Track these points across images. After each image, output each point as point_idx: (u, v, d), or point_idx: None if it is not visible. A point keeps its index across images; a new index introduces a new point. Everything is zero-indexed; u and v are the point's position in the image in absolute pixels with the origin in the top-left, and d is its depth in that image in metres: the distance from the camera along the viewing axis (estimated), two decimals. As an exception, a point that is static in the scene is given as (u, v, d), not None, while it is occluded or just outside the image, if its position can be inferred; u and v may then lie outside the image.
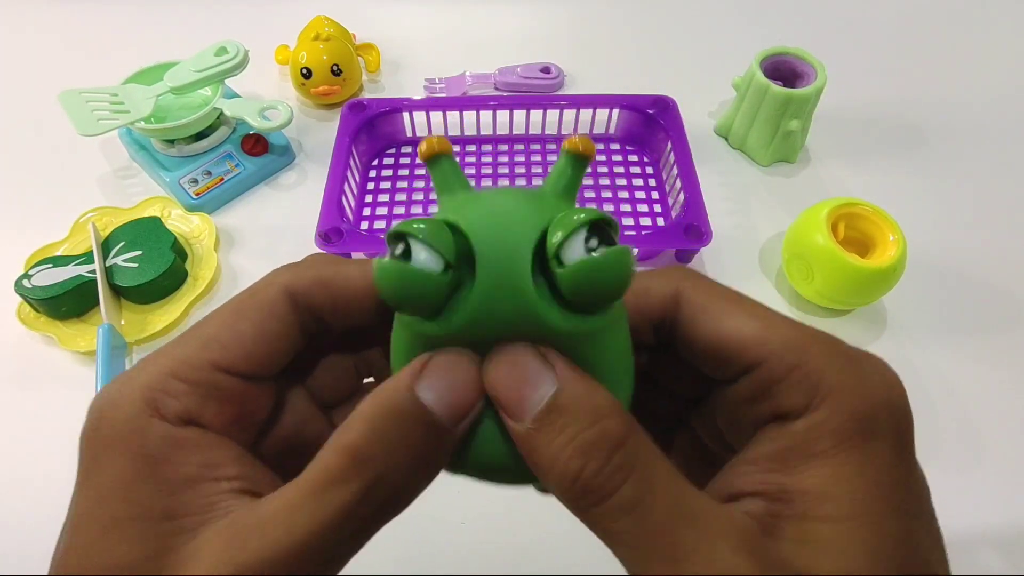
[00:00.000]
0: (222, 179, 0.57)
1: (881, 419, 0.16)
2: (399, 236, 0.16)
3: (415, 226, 0.15)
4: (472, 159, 0.61)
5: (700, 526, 0.15)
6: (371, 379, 0.23)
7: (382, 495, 0.16)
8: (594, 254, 0.15)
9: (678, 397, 0.22)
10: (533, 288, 0.16)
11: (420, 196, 0.58)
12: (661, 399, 0.22)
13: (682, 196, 0.52)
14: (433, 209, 0.56)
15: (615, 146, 0.61)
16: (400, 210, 0.56)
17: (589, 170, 0.59)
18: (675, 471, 0.16)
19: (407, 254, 0.16)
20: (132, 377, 0.18)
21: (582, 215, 0.15)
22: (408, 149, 0.61)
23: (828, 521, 0.15)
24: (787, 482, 0.16)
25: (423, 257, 0.15)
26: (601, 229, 0.16)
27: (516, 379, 0.16)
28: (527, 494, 0.26)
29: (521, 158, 0.61)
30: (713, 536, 0.15)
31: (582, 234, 0.15)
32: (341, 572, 0.17)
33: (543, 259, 0.16)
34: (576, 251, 0.15)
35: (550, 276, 0.16)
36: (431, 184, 0.58)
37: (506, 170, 0.59)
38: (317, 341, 0.21)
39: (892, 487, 0.16)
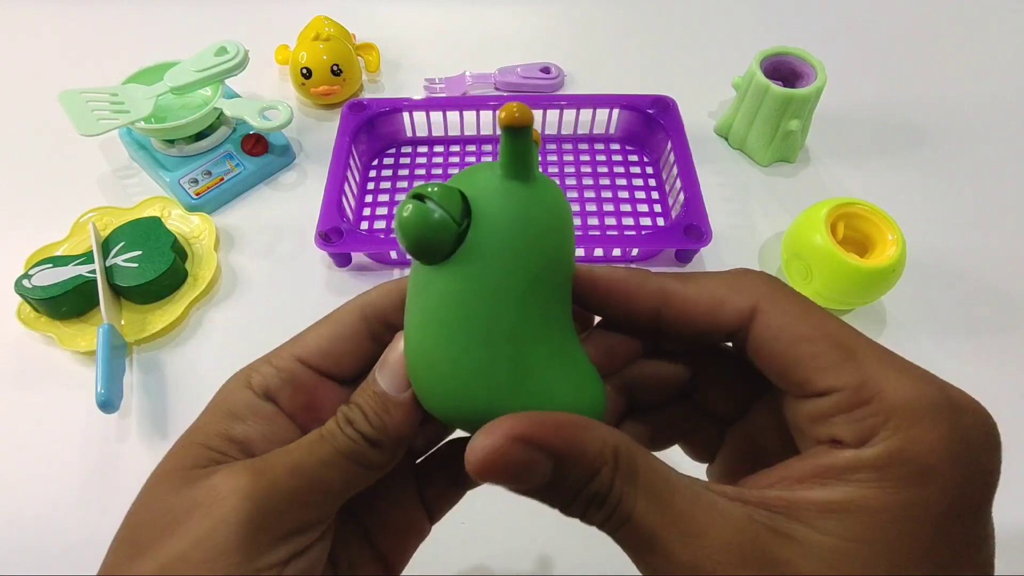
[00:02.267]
0: (222, 179, 0.57)
1: (941, 469, 0.16)
2: (417, 197, 0.18)
3: (430, 189, 0.18)
4: (472, 159, 0.61)
5: (707, 504, 0.17)
6: None
7: (365, 445, 0.20)
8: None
9: (745, 387, 0.22)
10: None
11: (420, 196, 0.57)
12: (720, 395, 0.23)
13: (682, 196, 0.52)
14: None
15: (615, 146, 0.61)
16: (400, 210, 0.56)
17: (589, 170, 0.59)
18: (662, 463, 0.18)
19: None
20: (249, 364, 0.22)
21: (425, 188, 0.19)
22: (408, 149, 0.61)
23: (832, 536, 0.16)
24: (809, 495, 0.17)
25: (437, 215, 0.18)
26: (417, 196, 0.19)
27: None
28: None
29: (521, 158, 0.60)
30: (721, 514, 0.17)
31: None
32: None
33: None
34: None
35: None
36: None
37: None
38: None
39: (921, 535, 0.16)
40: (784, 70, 0.58)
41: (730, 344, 0.20)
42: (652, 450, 0.21)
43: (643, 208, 0.57)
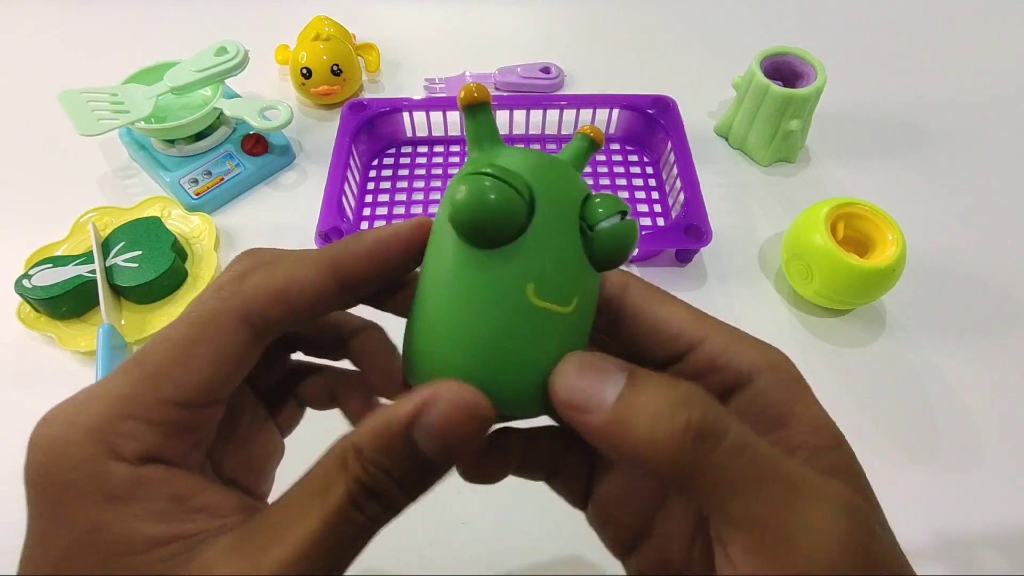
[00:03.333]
0: (222, 179, 0.57)
1: (789, 370, 0.20)
2: (481, 174, 0.18)
3: (491, 168, 0.18)
4: (472, 159, 0.61)
5: (797, 465, 0.17)
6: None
7: (380, 509, 0.17)
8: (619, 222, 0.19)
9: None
10: (578, 233, 0.19)
11: (420, 196, 0.58)
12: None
13: (682, 196, 0.52)
14: (434, 209, 0.56)
15: (615, 146, 0.61)
16: (400, 210, 0.57)
17: (589, 170, 0.59)
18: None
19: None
20: (76, 416, 0.18)
21: (622, 204, 0.19)
22: (408, 149, 0.61)
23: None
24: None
25: (513, 194, 0.17)
26: (623, 214, 0.19)
27: (589, 378, 0.18)
28: (527, 494, 0.26)
29: (521, 158, 0.61)
30: (811, 472, 0.17)
31: (618, 216, 0.19)
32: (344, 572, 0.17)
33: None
34: (607, 225, 0.19)
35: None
36: (431, 184, 0.58)
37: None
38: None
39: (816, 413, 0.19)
40: (784, 70, 0.58)
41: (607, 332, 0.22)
42: (520, 475, 0.22)
43: (643, 208, 0.57)
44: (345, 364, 0.25)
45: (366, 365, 0.24)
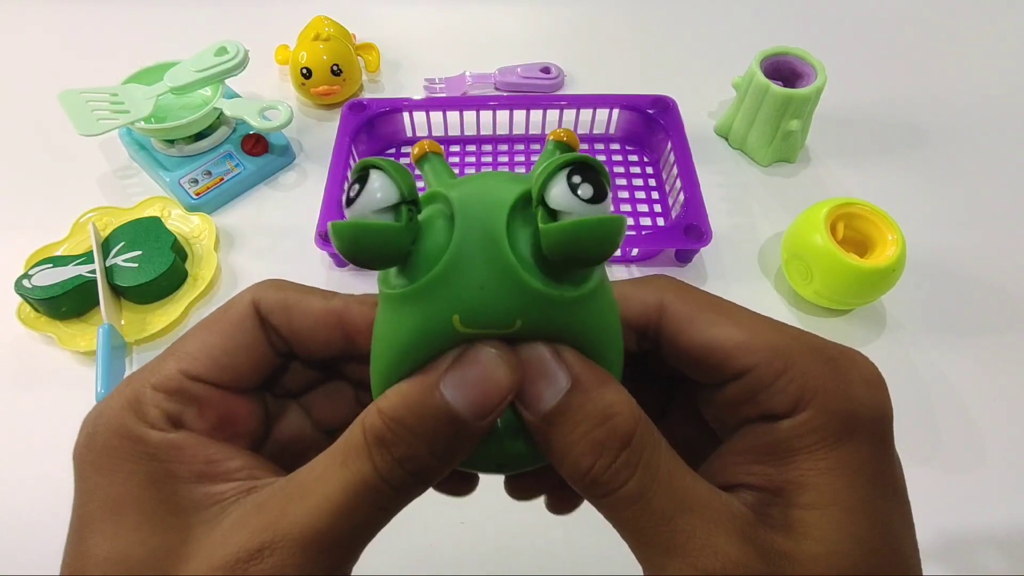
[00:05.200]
0: (222, 179, 0.57)
1: (862, 417, 0.18)
2: (362, 168, 0.16)
3: (376, 160, 0.16)
4: (472, 159, 0.61)
5: (699, 514, 0.16)
6: None
7: (404, 474, 0.16)
8: (582, 214, 0.15)
9: (659, 392, 0.22)
10: (507, 240, 0.16)
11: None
12: (642, 392, 0.22)
13: (682, 196, 0.52)
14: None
15: (615, 146, 0.61)
16: (400, 210, 0.56)
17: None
18: (678, 461, 0.17)
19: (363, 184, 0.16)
20: (116, 392, 0.19)
21: (566, 156, 0.15)
22: (408, 149, 0.61)
23: (811, 509, 0.17)
24: (773, 474, 0.17)
25: (377, 185, 0.16)
26: (586, 172, 0.15)
27: (531, 374, 0.17)
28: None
29: (521, 158, 0.61)
30: (711, 524, 0.16)
31: (564, 173, 0.15)
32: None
33: (526, 223, 0.16)
34: (561, 193, 0.15)
35: (536, 243, 0.16)
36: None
37: (506, 170, 0.59)
38: (316, 367, 0.22)
39: (869, 478, 0.18)
40: (784, 70, 0.58)
41: (648, 354, 0.20)
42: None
43: (643, 208, 0.57)
44: None
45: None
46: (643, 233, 0.55)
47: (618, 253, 0.53)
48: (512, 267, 0.16)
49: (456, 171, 0.60)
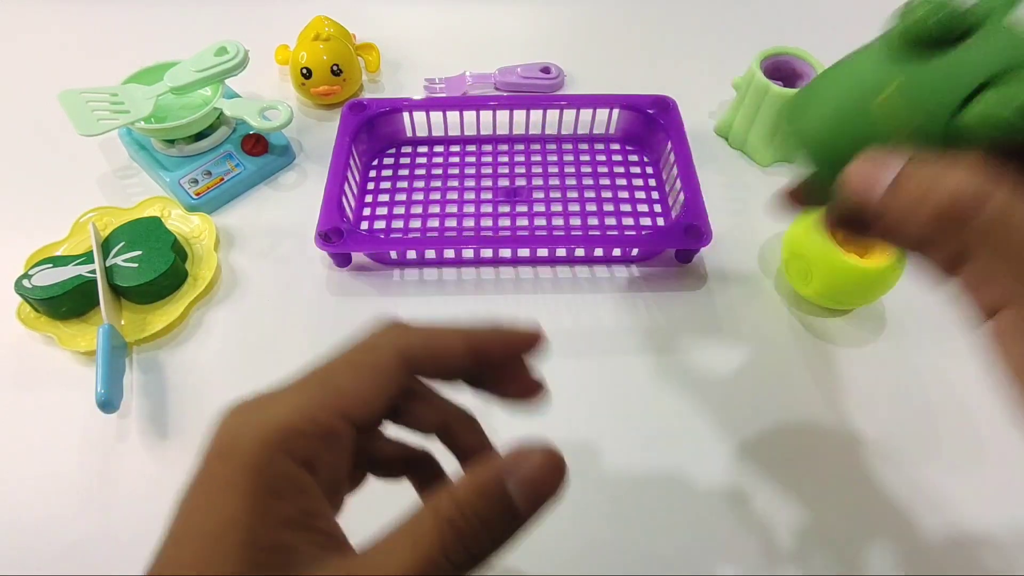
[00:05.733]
0: (222, 179, 0.57)
1: None
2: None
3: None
4: (472, 159, 0.61)
5: None
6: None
7: (465, 556, 0.18)
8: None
9: None
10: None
11: (420, 196, 0.57)
12: None
13: (682, 196, 0.52)
14: (434, 210, 0.56)
15: (615, 146, 0.61)
16: (400, 210, 0.56)
17: (589, 170, 0.59)
18: None
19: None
20: (268, 409, 0.20)
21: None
22: (408, 149, 0.61)
23: None
24: None
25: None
26: None
27: (870, 167, 0.22)
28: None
29: (521, 158, 0.61)
30: None
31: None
32: None
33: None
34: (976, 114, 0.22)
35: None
36: (431, 184, 0.58)
37: (506, 170, 0.59)
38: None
39: None
40: (784, 70, 0.58)
41: None
42: None
43: (643, 208, 0.57)
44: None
45: (459, 444, 0.26)
46: (643, 233, 0.55)
47: (617, 253, 0.53)
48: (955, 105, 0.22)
49: (456, 171, 0.61)
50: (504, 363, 0.25)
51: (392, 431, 0.26)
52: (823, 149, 0.25)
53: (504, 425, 0.28)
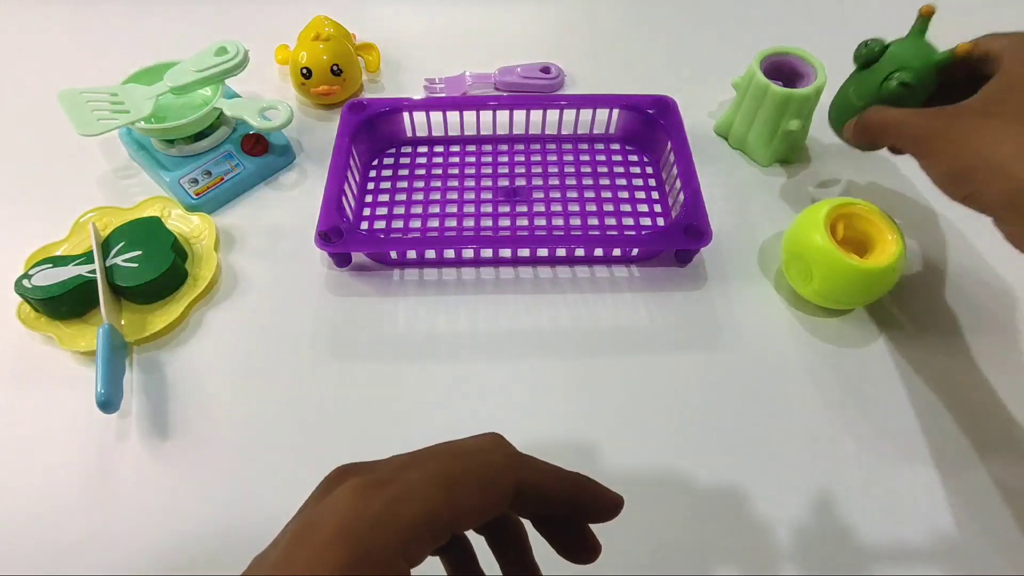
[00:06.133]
0: (222, 179, 0.57)
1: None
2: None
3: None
4: (472, 159, 0.61)
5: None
6: None
7: None
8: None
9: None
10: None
11: (420, 196, 0.58)
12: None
13: (682, 196, 0.52)
14: (434, 210, 0.56)
15: (615, 146, 0.61)
16: (400, 210, 0.56)
17: (589, 170, 0.59)
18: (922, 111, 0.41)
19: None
20: (398, 508, 0.21)
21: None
22: (408, 149, 0.61)
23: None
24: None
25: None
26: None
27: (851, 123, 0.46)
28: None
29: (521, 158, 0.61)
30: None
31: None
32: None
33: None
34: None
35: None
36: (431, 184, 0.58)
37: (506, 170, 0.59)
38: None
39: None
40: (784, 70, 0.58)
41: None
42: None
43: (643, 208, 0.57)
44: None
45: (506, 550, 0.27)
46: (643, 233, 0.55)
47: (617, 253, 0.53)
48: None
49: (456, 171, 0.62)
50: (583, 520, 0.26)
51: None
52: (836, 120, 0.49)
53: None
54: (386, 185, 0.58)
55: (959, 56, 0.43)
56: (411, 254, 0.53)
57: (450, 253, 0.53)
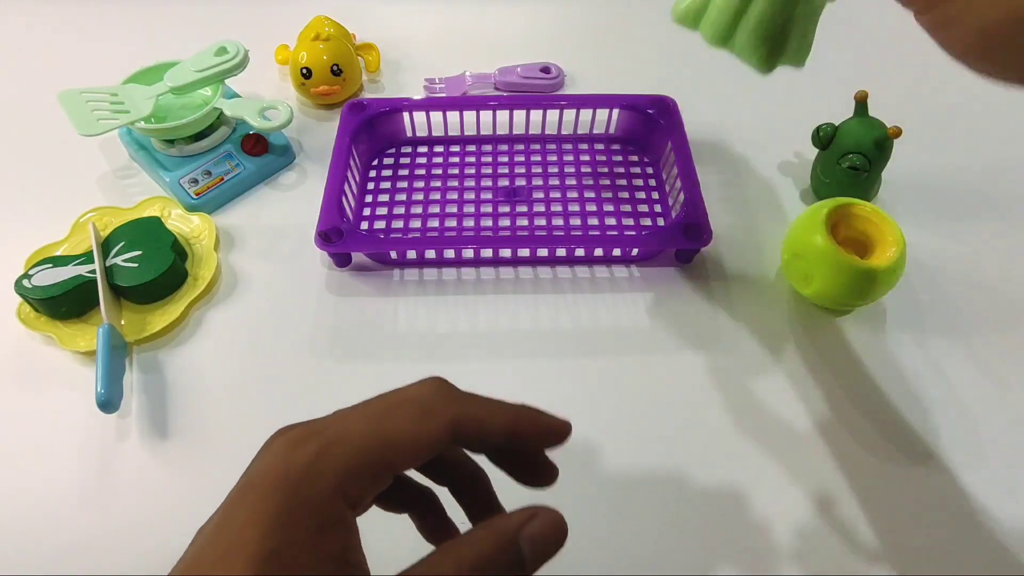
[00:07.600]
0: (222, 179, 0.57)
1: None
2: None
3: None
4: (472, 159, 0.61)
5: None
6: None
7: None
8: None
9: None
10: None
11: (420, 196, 0.58)
12: None
13: (682, 196, 0.52)
14: (434, 210, 0.56)
15: (615, 146, 0.61)
16: (400, 210, 0.57)
17: (589, 170, 0.59)
18: None
19: None
20: (330, 451, 0.21)
21: None
22: (408, 149, 0.61)
23: None
24: None
25: None
26: None
27: None
28: (526, 496, 0.26)
29: (521, 158, 0.61)
30: None
31: None
32: None
33: None
34: None
35: None
36: (431, 184, 0.58)
37: (506, 170, 0.59)
38: None
39: None
40: None
41: None
42: None
43: (643, 208, 0.57)
44: None
45: (470, 498, 0.28)
46: (643, 233, 0.55)
47: (617, 253, 0.53)
48: None
49: (456, 171, 0.63)
50: (533, 447, 0.26)
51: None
52: (815, 194, 0.56)
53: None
54: (386, 185, 0.58)
55: (892, 136, 0.51)
56: (411, 254, 0.53)
57: (450, 253, 0.53)
